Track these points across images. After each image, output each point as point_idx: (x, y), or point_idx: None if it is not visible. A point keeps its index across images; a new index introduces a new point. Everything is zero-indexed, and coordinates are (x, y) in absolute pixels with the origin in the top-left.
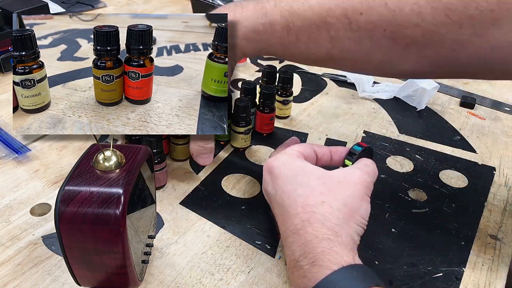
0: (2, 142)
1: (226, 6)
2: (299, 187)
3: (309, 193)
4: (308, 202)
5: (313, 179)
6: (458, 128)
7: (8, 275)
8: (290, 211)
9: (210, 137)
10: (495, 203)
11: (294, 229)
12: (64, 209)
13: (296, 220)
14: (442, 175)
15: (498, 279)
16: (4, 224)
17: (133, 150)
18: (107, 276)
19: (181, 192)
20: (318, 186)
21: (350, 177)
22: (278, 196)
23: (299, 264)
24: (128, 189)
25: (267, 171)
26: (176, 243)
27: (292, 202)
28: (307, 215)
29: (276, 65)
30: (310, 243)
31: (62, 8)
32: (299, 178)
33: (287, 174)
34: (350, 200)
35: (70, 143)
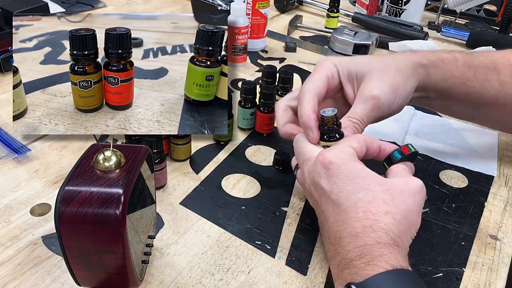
0: (2, 142)
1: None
2: (360, 191)
3: (371, 199)
4: (370, 209)
5: (375, 185)
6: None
7: (8, 275)
8: (348, 213)
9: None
10: (495, 203)
11: (354, 232)
12: (64, 209)
13: (357, 224)
14: (442, 175)
15: (498, 279)
16: (4, 224)
17: (133, 150)
18: (107, 276)
19: (181, 192)
20: (380, 193)
21: (411, 187)
22: (334, 194)
23: (353, 263)
24: (128, 189)
25: (323, 166)
26: (176, 243)
27: (352, 205)
28: (370, 221)
29: (276, 65)
30: (371, 247)
31: (62, 8)
32: (360, 181)
33: (347, 175)
34: (409, 214)
35: (70, 143)
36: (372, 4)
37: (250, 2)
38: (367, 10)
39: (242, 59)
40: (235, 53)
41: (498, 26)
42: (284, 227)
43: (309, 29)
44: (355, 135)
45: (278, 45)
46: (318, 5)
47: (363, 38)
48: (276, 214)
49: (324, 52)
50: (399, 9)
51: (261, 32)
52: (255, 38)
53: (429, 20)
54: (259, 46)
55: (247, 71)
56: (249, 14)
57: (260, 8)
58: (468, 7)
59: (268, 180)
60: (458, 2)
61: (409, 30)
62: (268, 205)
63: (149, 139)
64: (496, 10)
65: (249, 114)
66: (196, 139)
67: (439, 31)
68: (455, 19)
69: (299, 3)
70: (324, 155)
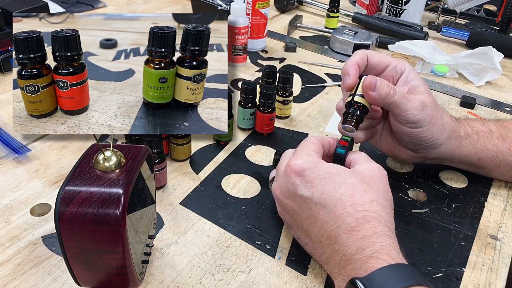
0: (2, 142)
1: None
2: (340, 187)
3: (352, 191)
4: (356, 201)
5: (350, 178)
6: None
7: (8, 275)
8: (336, 211)
9: None
10: (495, 203)
11: (348, 227)
12: (64, 209)
13: (349, 219)
14: (442, 175)
15: (498, 279)
16: (4, 224)
17: (133, 150)
18: (107, 276)
19: (181, 192)
20: (358, 184)
21: (374, 172)
22: (316, 197)
23: (355, 257)
24: (128, 189)
25: (296, 175)
26: (176, 243)
27: (338, 202)
28: (361, 213)
29: (276, 65)
30: (369, 238)
31: (62, 8)
32: (335, 177)
33: (323, 176)
34: (387, 195)
35: (70, 143)
36: (372, 4)
37: (250, 2)
38: (367, 10)
39: (242, 59)
40: (235, 53)
41: (498, 26)
42: (284, 227)
43: (309, 29)
44: (309, 138)
45: (278, 45)
46: (318, 5)
47: (363, 38)
48: (276, 214)
49: (324, 52)
50: (399, 9)
51: (261, 32)
52: (255, 38)
53: (429, 20)
54: (259, 46)
55: (247, 71)
56: (249, 14)
57: (260, 8)
58: (468, 7)
59: (268, 180)
60: (458, 2)
61: (409, 30)
62: (268, 205)
63: (149, 139)
64: (496, 10)
65: (249, 114)
66: (196, 139)
67: (439, 31)
68: (455, 19)
69: (299, 3)
70: (294, 164)
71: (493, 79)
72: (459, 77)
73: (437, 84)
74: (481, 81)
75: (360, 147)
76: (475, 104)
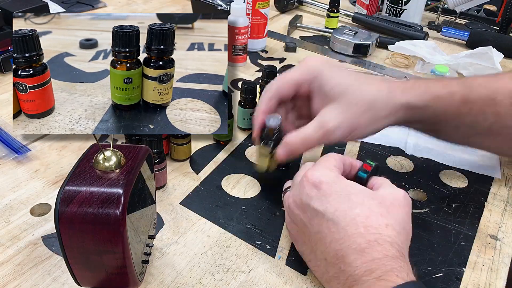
0: (2, 142)
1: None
2: (356, 207)
3: (368, 213)
4: (370, 224)
5: (368, 200)
6: None
7: (8, 275)
8: (348, 230)
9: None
10: (495, 203)
11: (359, 248)
12: (64, 209)
13: (361, 240)
14: (442, 175)
15: (498, 279)
16: (4, 224)
17: (133, 150)
18: (107, 276)
19: (181, 192)
20: (375, 207)
21: (398, 198)
22: (329, 213)
23: (363, 279)
24: (128, 189)
25: (313, 186)
26: (176, 243)
27: (351, 222)
28: (373, 236)
29: (276, 65)
30: (379, 261)
31: (62, 8)
32: (353, 197)
33: (340, 193)
34: (405, 224)
35: (70, 143)
36: (372, 4)
37: (250, 2)
38: (367, 10)
39: (242, 59)
40: (235, 53)
41: (498, 26)
42: (284, 227)
43: (309, 29)
44: (331, 154)
45: (278, 45)
46: (318, 5)
47: (363, 38)
48: (276, 214)
49: (324, 52)
50: (399, 9)
51: (261, 32)
52: (255, 38)
53: (429, 20)
54: (259, 46)
55: (247, 71)
56: (249, 14)
57: (260, 8)
58: (468, 7)
59: (268, 180)
60: (458, 2)
61: (409, 30)
62: (268, 205)
63: (149, 139)
64: (496, 10)
65: (249, 114)
66: (196, 139)
67: (439, 31)
68: (455, 19)
69: (299, 3)
70: (313, 175)
71: None
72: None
73: None
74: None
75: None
76: None
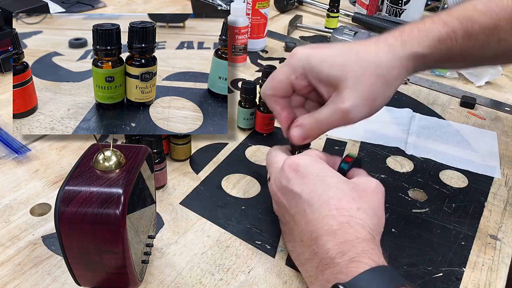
0: (2, 142)
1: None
2: (330, 189)
3: (341, 196)
4: (342, 206)
5: (342, 183)
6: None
7: (8, 275)
8: (322, 212)
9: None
10: (495, 203)
11: (330, 229)
12: (64, 209)
13: (333, 222)
14: (442, 175)
15: (498, 279)
16: (4, 224)
17: (133, 150)
18: (107, 276)
19: (181, 192)
20: (348, 191)
21: (371, 186)
22: (305, 194)
23: (335, 261)
24: (128, 189)
25: (291, 169)
26: (176, 243)
27: (325, 203)
28: (345, 218)
29: (276, 65)
30: (351, 243)
31: (62, 8)
32: (328, 179)
33: (316, 174)
34: (377, 210)
35: (70, 143)
36: (372, 4)
37: (250, 2)
38: (367, 10)
39: (242, 59)
40: (235, 53)
41: None
42: None
43: (309, 29)
44: (316, 149)
45: (278, 45)
46: (318, 5)
47: (363, 38)
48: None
49: None
50: (399, 9)
51: (261, 32)
52: (255, 38)
53: None
54: (259, 46)
55: (247, 71)
56: (249, 14)
57: (260, 8)
58: None
59: None
60: (458, 2)
61: None
62: (268, 205)
63: (149, 139)
64: None
65: (249, 114)
66: (196, 139)
67: None
68: None
69: (299, 3)
70: (290, 159)
71: (493, 79)
72: (459, 77)
73: (437, 84)
74: (481, 81)
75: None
76: (475, 104)
